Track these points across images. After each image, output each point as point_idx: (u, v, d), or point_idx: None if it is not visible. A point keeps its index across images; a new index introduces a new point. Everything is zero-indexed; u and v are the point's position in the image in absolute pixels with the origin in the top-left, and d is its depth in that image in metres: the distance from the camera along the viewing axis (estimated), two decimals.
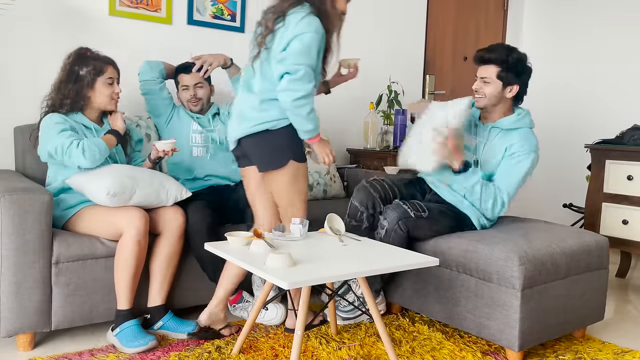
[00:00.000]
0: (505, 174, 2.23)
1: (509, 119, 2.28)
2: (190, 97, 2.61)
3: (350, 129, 3.70)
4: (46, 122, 2.15)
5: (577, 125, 4.24)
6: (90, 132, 2.22)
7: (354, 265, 1.67)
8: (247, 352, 2.01)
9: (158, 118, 2.66)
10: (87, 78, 2.19)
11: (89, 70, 2.19)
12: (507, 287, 1.93)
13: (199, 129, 2.63)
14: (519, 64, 2.25)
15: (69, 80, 2.19)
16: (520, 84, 2.26)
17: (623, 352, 2.13)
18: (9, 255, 1.90)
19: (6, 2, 2.45)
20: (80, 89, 2.20)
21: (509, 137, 2.26)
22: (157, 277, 2.13)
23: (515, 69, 2.23)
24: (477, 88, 2.29)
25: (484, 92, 2.27)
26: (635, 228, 2.87)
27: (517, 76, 2.24)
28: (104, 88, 2.22)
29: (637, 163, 2.85)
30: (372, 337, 2.18)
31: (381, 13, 3.85)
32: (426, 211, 2.18)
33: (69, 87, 2.19)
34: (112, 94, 2.25)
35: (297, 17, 1.94)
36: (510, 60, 2.23)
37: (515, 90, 2.26)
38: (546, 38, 4.46)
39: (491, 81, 2.25)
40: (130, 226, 2.00)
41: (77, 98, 2.20)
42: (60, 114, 2.18)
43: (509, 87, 2.25)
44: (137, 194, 2.07)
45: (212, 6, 3.10)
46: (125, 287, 2.02)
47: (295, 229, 2.00)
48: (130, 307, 2.04)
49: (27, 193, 1.92)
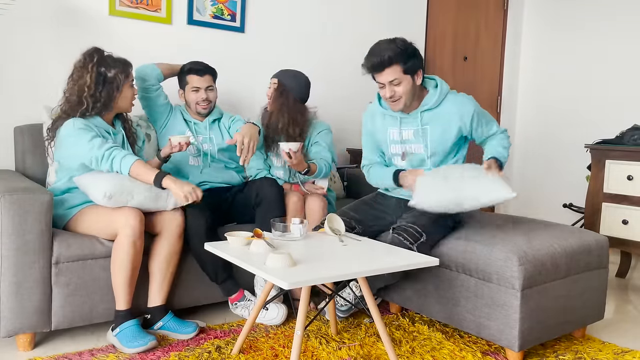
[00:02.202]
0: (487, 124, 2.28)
1: (431, 97, 2.21)
2: (201, 100, 2.57)
3: (350, 129, 3.69)
4: (68, 128, 2.09)
5: (577, 125, 4.24)
6: (109, 135, 2.19)
7: (354, 265, 1.67)
8: (247, 352, 2.01)
9: (154, 122, 2.64)
10: (117, 81, 2.15)
11: (117, 72, 2.15)
12: (506, 287, 1.93)
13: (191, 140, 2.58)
14: (409, 48, 2.14)
15: (98, 83, 2.14)
16: (420, 65, 2.17)
17: (623, 352, 2.13)
18: (9, 255, 1.90)
19: (6, 2, 2.45)
20: (111, 92, 2.16)
21: (442, 111, 2.21)
22: (156, 277, 2.13)
23: (411, 55, 2.13)
24: (390, 94, 2.16)
25: (399, 94, 2.16)
26: (635, 228, 2.87)
27: (415, 59, 2.14)
28: (128, 91, 2.21)
29: (637, 163, 2.86)
30: (372, 337, 2.18)
31: (381, 13, 3.85)
32: (423, 235, 2.09)
33: (99, 90, 2.14)
34: (133, 98, 2.25)
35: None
36: (402, 49, 2.12)
37: (421, 74, 2.18)
38: (546, 38, 4.46)
39: (401, 79, 2.13)
40: (126, 226, 2.00)
41: (107, 101, 2.16)
42: (79, 118, 2.12)
43: (416, 75, 2.16)
44: (135, 198, 2.06)
45: (212, 6, 3.10)
46: (123, 287, 2.02)
47: (295, 229, 2.01)
48: (128, 307, 2.04)
49: (27, 193, 1.92)
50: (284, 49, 3.43)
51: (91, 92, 2.13)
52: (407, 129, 2.28)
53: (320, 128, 2.76)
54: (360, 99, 3.69)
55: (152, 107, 2.59)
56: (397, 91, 2.15)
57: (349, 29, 3.71)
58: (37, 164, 2.43)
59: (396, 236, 2.08)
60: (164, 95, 2.60)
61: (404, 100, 2.18)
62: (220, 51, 3.16)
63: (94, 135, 2.09)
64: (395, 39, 2.17)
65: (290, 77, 2.68)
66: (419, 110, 2.23)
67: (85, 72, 2.14)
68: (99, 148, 2.06)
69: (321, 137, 2.74)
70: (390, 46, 2.12)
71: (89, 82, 2.13)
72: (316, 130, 2.75)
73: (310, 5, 3.52)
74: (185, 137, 2.31)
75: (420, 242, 2.08)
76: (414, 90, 2.19)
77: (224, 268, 2.27)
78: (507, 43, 4.56)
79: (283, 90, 2.64)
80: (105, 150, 2.06)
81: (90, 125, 2.12)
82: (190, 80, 2.58)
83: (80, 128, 2.09)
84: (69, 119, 2.11)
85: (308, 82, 2.73)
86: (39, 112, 2.53)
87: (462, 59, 4.34)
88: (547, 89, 4.44)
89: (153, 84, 2.54)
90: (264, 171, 2.72)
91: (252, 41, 3.30)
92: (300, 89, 2.67)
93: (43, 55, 2.64)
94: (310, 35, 3.53)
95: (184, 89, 2.62)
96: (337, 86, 3.65)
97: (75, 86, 2.15)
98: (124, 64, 2.20)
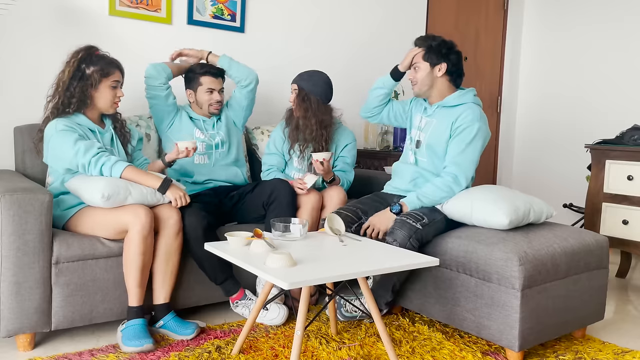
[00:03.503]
0: (456, 155, 2.28)
1: (452, 96, 2.38)
2: (215, 102, 2.63)
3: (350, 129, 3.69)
4: (51, 130, 2.10)
5: (578, 125, 4.24)
6: (94, 135, 2.19)
7: (354, 265, 1.67)
8: (247, 352, 2.01)
9: (160, 122, 2.66)
10: (93, 78, 2.15)
11: (96, 70, 2.15)
12: (507, 287, 1.93)
13: (201, 137, 2.63)
14: (443, 45, 2.36)
15: (74, 78, 2.15)
16: (447, 62, 2.35)
17: (623, 352, 2.13)
18: (9, 255, 1.89)
19: (6, 2, 2.45)
20: (85, 88, 2.16)
21: (453, 112, 2.34)
22: (157, 275, 2.13)
23: (438, 50, 2.35)
24: (410, 77, 2.42)
25: (416, 79, 2.38)
26: (635, 228, 2.87)
27: (442, 56, 2.35)
28: (107, 91, 2.19)
29: (637, 163, 2.85)
30: (372, 337, 2.18)
31: (381, 13, 3.85)
32: (424, 217, 2.19)
33: (74, 85, 2.15)
34: (115, 98, 2.22)
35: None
36: (433, 43, 2.36)
37: (444, 68, 2.35)
38: (546, 38, 4.46)
39: (420, 65, 2.37)
40: (136, 222, 2.00)
41: (83, 97, 2.16)
42: (64, 117, 2.13)
43: (437, 67, 2.36)
44: (132, 194, 2.06)
45: (212, 6, 3.10)
46: (134, 283, 2.03)
47: (295, 229, 2.01)
48: (139, 304, 2.05)
49: (27, 193, 1.92)
50: (284, 49, 3.43)
51: (65, 86, 2.15)
52: (426, 117, 2.43)
53: (346, 139, 2.79)
54: (360, 98, 3.69)
55: (160, 106, 2.61)
56: (415, 76, 2.39)
57: (348, 30, 3.71)
58: (37, 164, 2.43)
59: (403, 219, 2.16)
60: (172, 95, 2.63)
61: (419, 86, 2.39)
62: (220, 51, 3.15)
63: (77, 137, 2.08)
64: (436, 36, 2.42)
65: (308, 79, 2.68)
66: (437, 104, 2.38)
67: (66, 68, 2.17)
68: (84, 154, 2.06)
69: (348, 151, 2.79)
70: (425, 37, 2.43)
71: (65, 77, 2.16)
72: (342, 141, 2.78)
73: (310, 6, 3.51)
74: (192, 143, 2.33)
75: (424, 222, 2.16)
76: (431, 81, 2.37)
77: (222, 268, 2.27)
78: (507, 43, 4.56)
79: (305, 96, 2.66)
80: (92, 156, 2.06)
81: (73, 126, 2.12)
82: (204, 82, 2.62)
83: (62, 130, 2.09)
84: (52, 120, 2.13)
85: (327, 80, 2.73)
86: (39, 112, 2.53)
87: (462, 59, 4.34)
88: (547, 89, 4.44)
89: (163, 82, 2.57)
90: (277, 171, 2.74)
91: (252, 41, 3.30)
92: (321, 88, 2.67)
93: (43, 55, 2.64)
94: (310, 36, 3.53)
95: (195, 90, 2.64)
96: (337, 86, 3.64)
97: (55, 80, 2.19)
98: (107, 64, 2.18)
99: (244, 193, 2.56)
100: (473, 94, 2.39)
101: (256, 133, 3.04)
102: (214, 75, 2.62)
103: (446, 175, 2.28)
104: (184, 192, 2.19)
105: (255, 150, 3.03)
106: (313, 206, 2.47)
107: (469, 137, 2.27)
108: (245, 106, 2.77)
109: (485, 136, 2.31)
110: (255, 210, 2.49)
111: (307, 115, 2.64)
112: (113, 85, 2.20)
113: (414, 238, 2.11)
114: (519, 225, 2.17)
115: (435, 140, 2.36)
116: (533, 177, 4.58)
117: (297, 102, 2.67)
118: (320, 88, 2.67)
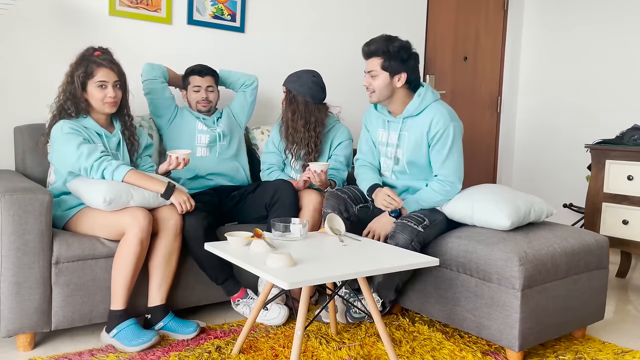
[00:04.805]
0: (443, 161, 2.25)
1: (413, 104, 2.26)
2: (201, 99, 2.66)
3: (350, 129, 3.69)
4: (57, 132, 2.11)
5: (577, 125, 4.24)
6: (100, 138, 2.19)
7: (354, 265, 1.67)
8: (247, 352, 2.01)
9: (160, 118, 2.68)
10: (78, 81, 2.15)
11: (80, 73, 2.15)
12: (507, 287, 1.93)
13: (204, 129, 2.66)
14: (402, 51, 2.21)
15: (68, 82, 2.17)
16: (407, 71, 2.22)
17: (623, 352, 2.13)
18: (9, 255, 1.89)
19: (6, 2, 2.45)
20: (74, 92, 2.16)
21: (420, 121, 2.26)
22: (155, 276, 2.13)
23: (399, 57, 2.20)
24: (366, 84, 2.27)
25: (373, 87, 2.25)
26: (635, 228, 2.87)
27: (402, 63, 2.21)
28: (95, 91, 2.16)
29: (637, 163, 2.85)
30: (372, 337, 2.18)
31: (381, 13, 3.85)
32: (425, 219, 2.17)
33: (68, 90, 2.17)
34: (105, 98, 2.17)
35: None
36: (392, 49, 2.20)
37: (404, 79, 2.23)
38: (546, 38, 4.46)
39: (377, 73, 2.23)
40: (134, 224, 2.00)
41: (76, 101, 2.16)
42: (71, 120, 2.14)
43: (397, 77, 2.23)
44: (134, 198, 2.06)
45: (212, 6, 3.10)
46: (123, 286, 2.01)
47: (295, 229, 2.00)
48: (124, 307, 2.03)
49: (27, 193, 1.92)
50: (284, 49, 3.42)
51: (63, 90, 2.19)
52: (393, 132, 2.33)
53: (341, 137, 2.78)
54: (359, 99, 3.69)
55: (158, 100, 2.65)
56: (372, 83, 2.25)
57: (348, 30, 3.71)
58: (37, 164, 2.43)
59: (405, 222, 2.14)
60: (169, 89, 2.69)
61: (377, 95, 2.26)
62: (220, 51, 3.15)
63: (81, 141, 2.09)
64: (395, 37, 2.24)
65: (295, 80, 2.68)
66: (401, 116, 2.29)
67: (67, 71, 2.21)
68: (87, 158, 2.06)
69: (342, 149, 2.77)
70: (382, 41, 2.23)
71: (64, 80, 2.19)
72: (337, 138, 2.77)
73: (310, 6, 3.51)
74: (186, 153, 2.31)
75: (425, 224, 2.14)
76: (390, 90, 2.25)
77: (223, 268, 2.27)
78: (507, 43, 4.56)
79: (292, 97, 2.66)
80: (94, 160, 2.06)
81: (78, 129, 2.12)
82: (192, 81, 2.68)
83: (67, 132, 2.10)
84: (59, 122, 2.14)
85: (316, 79, 2.70)
86: (39, 112, 2.54)
87: (462, 59, 4.33)
88: (547, 89, 4.44)
89: (157, 76, 2.64)
90: (278, 171, 2.75)
91: (252, 41, 3.29)
92: (309, 88, 2.66)
93: (43, 56, 2.64)
94: (310, 36, 3.53)
95: (186, 89, 2.71)
96: (337, 86, 3.64)
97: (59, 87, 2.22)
98: (94, 64, 2.16)
99: (245, 193, 2.57)
100: (430, 92, 2.28)
101: (256, 133, 3.04)
102: (199, 73, 2.67)
103: (441, 183, 2.26)
104: (187, 197, 2.18)
105: (255, 150, 3.03)
106: (315, 207, 2.47)
107: (449, 140, 2.22)
108: (251, 102, 2.85)
109: (461, 131, 2.26)
110: (256, 210, 2.49)
111: (294, 118, 2.65)
112: (99, 85, 2.15)
113: (416, 241, 2.10)
114: (519, 225, 2.17)
115: (415, 155, 2.30)
116: (533, 176, 4.58)
117: (286, 104, 2.69)
118: (307, 88, 2.65)
